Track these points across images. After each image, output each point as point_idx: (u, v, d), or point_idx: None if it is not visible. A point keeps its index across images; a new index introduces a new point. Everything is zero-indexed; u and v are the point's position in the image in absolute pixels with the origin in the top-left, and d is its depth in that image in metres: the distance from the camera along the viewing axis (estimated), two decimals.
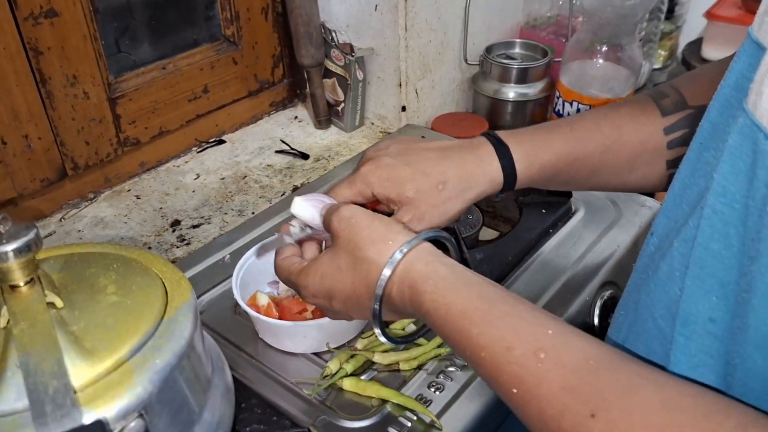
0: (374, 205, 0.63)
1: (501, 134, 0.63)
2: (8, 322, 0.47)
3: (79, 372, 0.44)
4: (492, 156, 0.61)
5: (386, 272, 0.51)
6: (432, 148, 0.61)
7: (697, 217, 0.42)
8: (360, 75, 1.19)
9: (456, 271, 0.50)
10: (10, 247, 0.45)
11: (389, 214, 0.59)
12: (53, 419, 0.38)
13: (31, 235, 0.46)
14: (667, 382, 0.39)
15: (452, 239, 0.56)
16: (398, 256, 0.51)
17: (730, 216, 0.39)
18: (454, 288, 0.49)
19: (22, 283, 0.48)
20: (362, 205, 0.59)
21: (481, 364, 0.45)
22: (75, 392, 0.42)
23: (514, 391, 0.42)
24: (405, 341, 0.59)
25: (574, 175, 0.65)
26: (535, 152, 0.62)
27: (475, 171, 0.60)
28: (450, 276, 0.50)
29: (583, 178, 0.66)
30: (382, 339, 0.56)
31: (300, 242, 0.62)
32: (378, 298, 0.52)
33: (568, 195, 0.93)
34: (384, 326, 0.55)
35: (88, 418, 0.40)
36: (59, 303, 0.49)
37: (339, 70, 1.20)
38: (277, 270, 0.61)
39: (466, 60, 1.30)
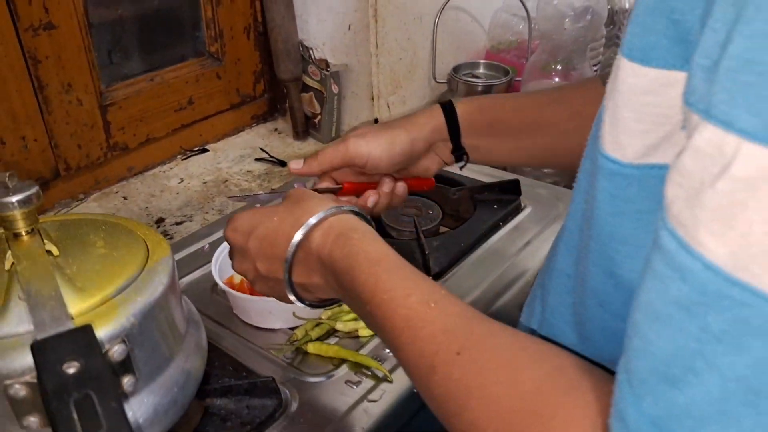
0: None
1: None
2: (12, 265, 0.55)
3: (72, 305, 0.52)
4: (436, 105, 0.72)
5: (320, 215, 0.55)
6: None
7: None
8: (335, 89, 1.29)
9: (378, 235, 0.56)
10: (15, 198, 0.53)
11: None
12: (51, 327, 0.46)
13: (33, 190, 0.55)
14: (519, 333, 0.44)
15: (370, 219, 0.61)
16: (333, 210, 0.56)
17: (583, 180, 0.46)
18: (376, 241, 0.54)
19: (24, 233, 0.55)
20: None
21: (379, 305, 0.49)
22: (69, 313, 0.50)
23: (403, 331, 0.46)
24: (318, 305, 0.61)
25: (518, 125, 0.71)
26: (475, 99, 0.73)
27: (418, 114, 0.72)
28: (374, 234, 0.56)
29: (529, 132, 0.71)
30: (291, 297, 0.58)
31: None
32: (300, 238, 0.55)
33: (518, 193, 1.02)
34: (291, 276, 0.57)
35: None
36: (55, 251, 0.57)
37: (316, 85, 1.30)
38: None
39: (435, 78, 1.41)
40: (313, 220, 0.55)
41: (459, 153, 0.74)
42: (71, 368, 0.42)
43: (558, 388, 0.38)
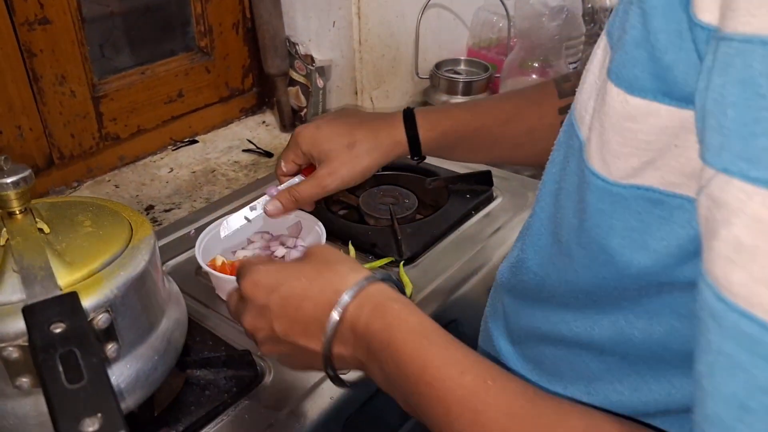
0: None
1: (415, 109, 0.78)
2: (6, 240, 0.60)
3: (61, 277, 0.57)
4: (399, 123, 0.76)
5: (355, 288, 0.51)
6: (354, 116, 0.76)
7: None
8: (320, 83, 1.34)
9: (415, 305, 0.53)
10: (9, 179, 0.58)
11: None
12: (41, 294, 0.51)
13: (26, 172, 0.60)
14: (588, 411, 0.44)
15: (402, 285, 0.59)
16: (368, 281, 0.52)
17: (550, 184, 0.48)
18: (416, 312, 0.51)
19: (18, 211, 0.61)
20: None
21: (430, 384, 0.46)
22: (58, 284, 0.55)
23: (461, 414, 0.44)
24: (353, 384, 0.58)
25: (477, 143, 0.77)
26: (438, 120, 0.76)
27: (382, 134, 0.75)
28: (412, 304, 0.52)
29: (487, 147, 0.78)
30: (328, 370, 0.54)
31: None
32: (343, 305, 0.51)
33: (490, 183, 1.07)
34: (331, 352, 0.53)
35: None
36: (46, 229, 0.62)
37: (302, 79, 1.35)
38: (246, 260, 0.60)
39: (417, 74, 1.46)
40: (349, 295, 0.51)
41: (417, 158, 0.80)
42: (58, 328, 0.48)
43: None
